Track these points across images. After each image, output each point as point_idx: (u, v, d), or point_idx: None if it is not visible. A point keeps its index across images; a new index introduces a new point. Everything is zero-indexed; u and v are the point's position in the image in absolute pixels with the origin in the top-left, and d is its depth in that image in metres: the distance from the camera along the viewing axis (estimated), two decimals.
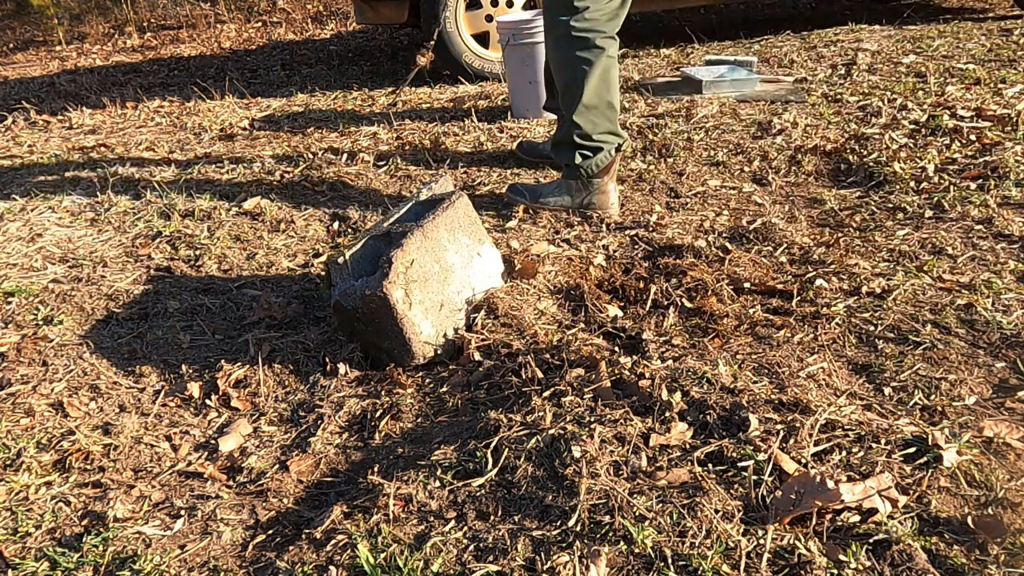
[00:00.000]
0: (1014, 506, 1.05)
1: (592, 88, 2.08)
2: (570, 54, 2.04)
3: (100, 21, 7.47)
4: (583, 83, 2.06)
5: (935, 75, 3.07)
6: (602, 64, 2.06)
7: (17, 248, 2.24)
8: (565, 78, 2.08)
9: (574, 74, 2.07)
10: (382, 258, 1.48)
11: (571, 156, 2.14)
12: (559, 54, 2.09)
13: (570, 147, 2.14)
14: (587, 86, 2.07)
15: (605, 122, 2.13)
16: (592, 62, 2.05)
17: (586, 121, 2.11)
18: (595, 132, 2.13)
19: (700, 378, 1.34)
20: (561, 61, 2.08)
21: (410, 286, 1.45)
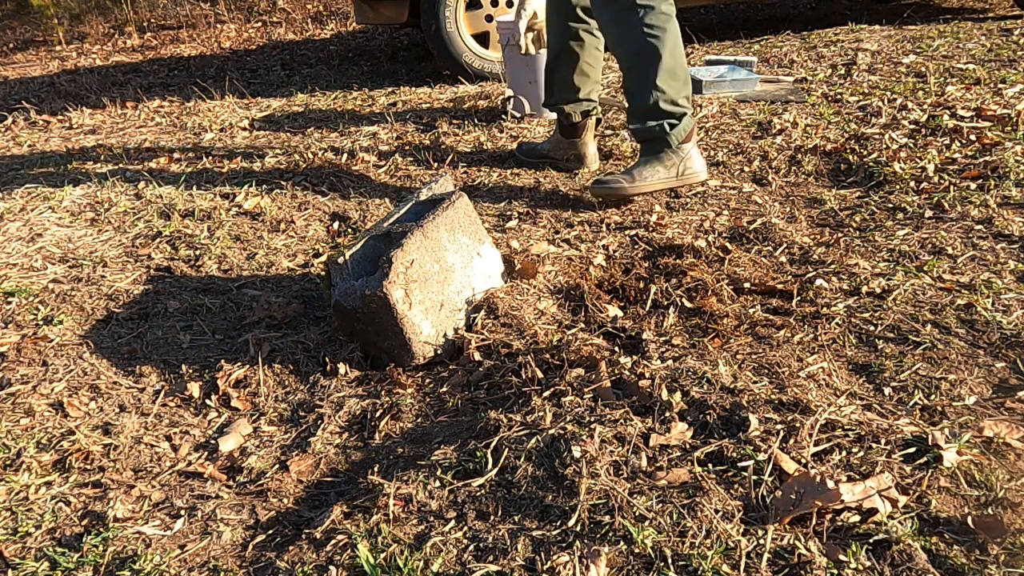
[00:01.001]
0: (1014, 506, 1.05)
1: (668, 52, 2.08)
2: (639, 24, 2.05)
3: (100, 21, 7.47)
4: (660, 49, 2.06)
5: (935, 75, 3.07)
6: (671, 28, 2.08)
7: (17, 248, 2.24)
8: (636, 49, 2.07)
9: (647, 43, 2.06)
10: (382, 258, 1.48)
11: (660, 127, 2.12)
12: (625, 28, 2.08)
13: (658, 117, 2.12)
14: (664, 51, 2.07)
15: (684, 86, 2.14)
16: (663, 28, 2.06)
17: (669, 87, 2.10)
18: (679, 96, 2.12)
19: (700, 378, 1.34)
20: (628, 34, 2.08)
21: (410, 286, 1.45)
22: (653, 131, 2.13)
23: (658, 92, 2.09)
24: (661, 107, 2.10)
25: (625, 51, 2.11)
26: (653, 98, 2.10)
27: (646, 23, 2.06)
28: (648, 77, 2.07)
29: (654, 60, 2.06)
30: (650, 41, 2.06)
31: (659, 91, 2.09)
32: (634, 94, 2.14)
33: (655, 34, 2.07)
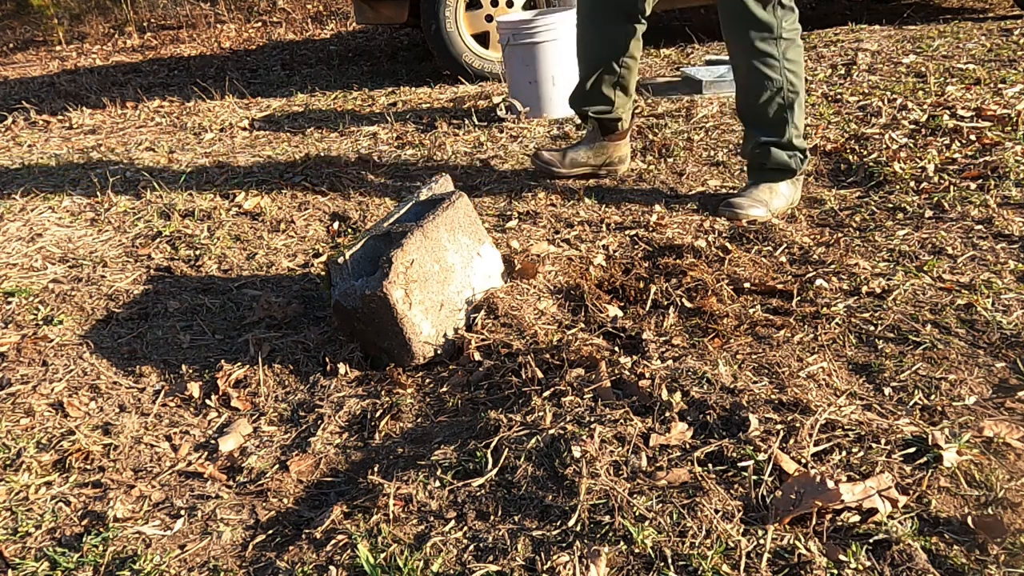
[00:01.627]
0: (1014, 506, 1.05)
1: (803, 88, 2.10)
2: (781, 58, 2.02)
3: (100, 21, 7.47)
4: (798, 87, 2.06)
5: (935, 75, 3.07)
6: (802, 60, 2.09)
7: (17, 248, 2.24)
8: (779, 84, 2.04)
9: (789, 79, 2.05)
10: (382, 258, 1.48)
11: (796, 160, 2.12)
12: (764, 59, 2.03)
13: (792, 150, 2.12)
14: (802, 88, 2.08)
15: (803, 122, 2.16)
16: (800, 63, 2.06)
17: (801, 121, 2.12)
18: (803, 129, 2.15)
19: (700, 378, 1.34)
20: (768, 68, 2.03)
21: (410, 286, 1.46)
22: (788, 164, 2.13)
23: (794, 128, 2.10)
24: (795, 143, 2.11)
25: (761, 83, 2.06)
26: (789, 134, 2.10)
27: (788, 58, 2.04)
28: (786, 112, 2.07)
29: (794, 97, 2.06)
30: (790, 78, 2.04)
31: (795, 127, 2.10)
32: (767, 127, 2.12)
33: (794, 70, 2.05)
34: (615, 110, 2.40)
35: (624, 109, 2.42)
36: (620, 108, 2.41)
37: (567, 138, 2.85)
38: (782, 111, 2.08)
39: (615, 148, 2.47)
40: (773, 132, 2.12)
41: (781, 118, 2.09)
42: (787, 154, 2.13)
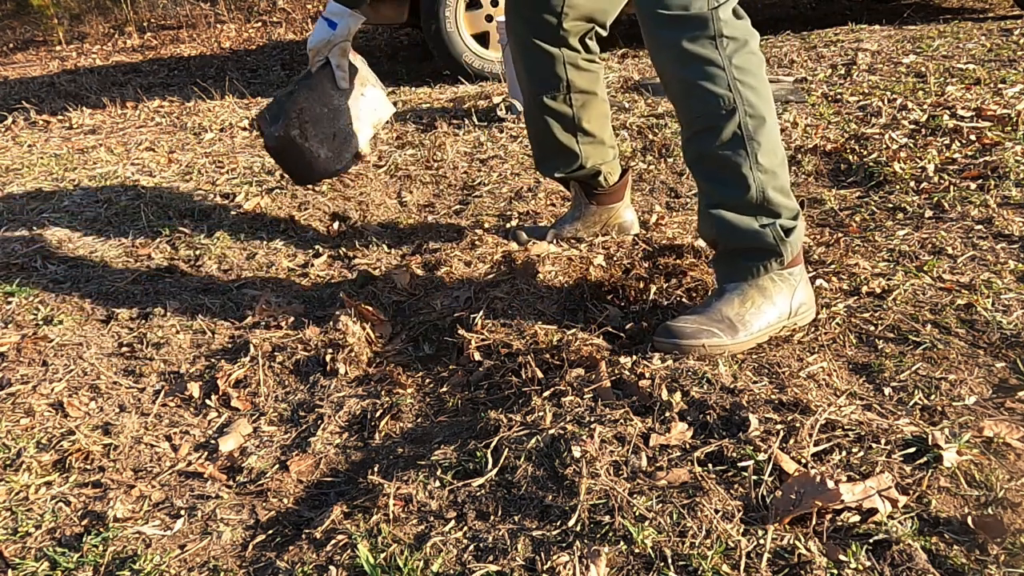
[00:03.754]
0: (1014, 506, 1.05)
1: (772, 112, 1.44)
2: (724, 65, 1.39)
3: (100, 21, 7.47)
4: (759, 108, 1.41)
5: (935, 75, 3.07)
6: (764, 72, 1.44)
7: (17, 248, 2.24)
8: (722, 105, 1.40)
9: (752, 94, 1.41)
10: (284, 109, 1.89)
11: (774, 230, 1.44)
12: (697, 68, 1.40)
13: (768, 214, 1.44)
14: (768, 111, 1.43)
15: (785, 166, 1.46)
16: (756, 73, 1.42)
17: (776, 165, 1.43)
18: (787, 182, 1.45)
19: (700, 378, 1.34)
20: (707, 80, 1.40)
21: (304, 126, 1.88)
22: (760, 239, 1.43)
23: (761, 174, 1.40)
24: (770, 197, 1.42)
25: (699, 105, 1.41)
26: (756, 183, 1.40)
27: (737, 65, 1.39)
28: (743, 148, 1.40)
29: (755, 124, 1.40)
30: (745, 94, 1.39)
31: (762, 171, 1.40)
32: (719, 178, 1.44)
33: (751, 83, 1.40)
34: (585, 163, 1.87)
35: (598, 160, 1.88)
36: (591, 159, 1.87)
37: None
38: (739, 145, 1.39)
39: (610, 215, 1.96)
40: (730, 183, 1.42)
41: (736, 156, 1.40)
42: (755, 222, 1.43)
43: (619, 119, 2.95)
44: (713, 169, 1.44)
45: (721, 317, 1.44)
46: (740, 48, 1.40)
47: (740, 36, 1.41)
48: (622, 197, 1.97)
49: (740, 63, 1.39)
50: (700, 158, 1.46)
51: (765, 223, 1.44)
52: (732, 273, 1.49)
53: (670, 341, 1.43)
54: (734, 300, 1.46)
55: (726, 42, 1.39)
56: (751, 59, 1.41)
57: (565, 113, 1.82)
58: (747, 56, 1.41)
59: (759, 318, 1.45)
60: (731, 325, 1.43)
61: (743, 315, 1.44)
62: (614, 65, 3.96)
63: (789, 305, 1.47)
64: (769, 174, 1.41)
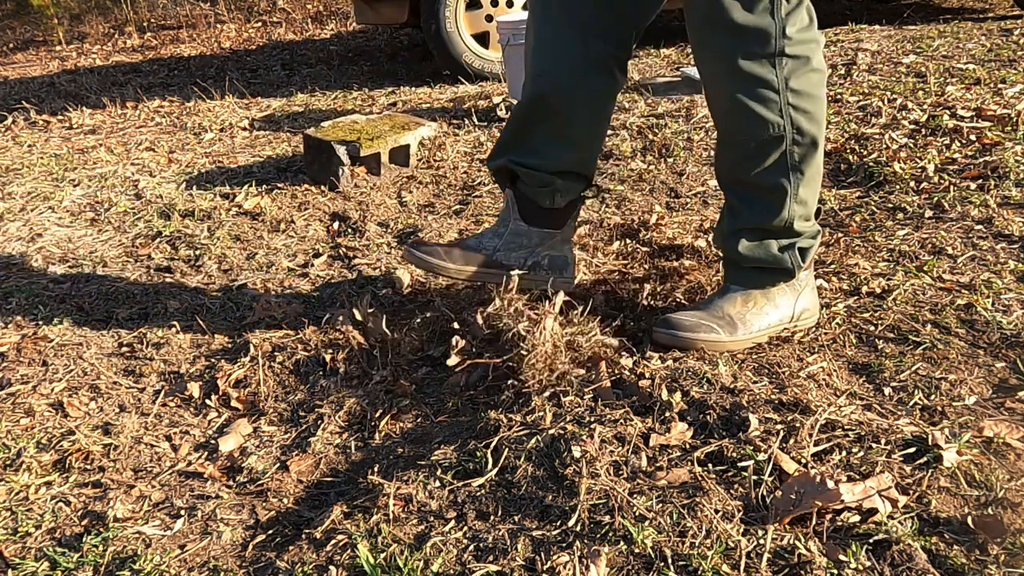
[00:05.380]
0: (1014, 506, 1.05)
1: (822, 141, 1.37)
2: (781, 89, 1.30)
3: (100, 21, 7.47)
4: (816, 129, 1.34)
5: (935, 75, 3.07)
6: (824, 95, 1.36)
7: (17, 248, 2.24)
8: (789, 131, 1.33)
9: (806, 120, 1.33)
10: None
11: (792, 253, 1.43)
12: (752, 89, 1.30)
13: (789, 237, 1.42)
14: (821, 139, 1.36)
15: (817, 197, 1.43)
16: (818, 97, 1.34)
17: (812, 196, 1.39)
18: (814, 208, 1.43)
19: (700, 378, 1.34)
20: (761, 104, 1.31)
21: None
22: (778, 262, 1.44)
23: (797, 204, 1.37)
24: (796, 226, 1.40)
25: (749, 128, 1.32)
26: (788, 214, 1.38)
27: (794, 88, 1.30)
28: (787, 177, 1.35)
29: (804, 152, 1.34)
30: (798, 121, 1.31)
31: (798, 203, 1.37)
32: (755, 199, 1.40)
33: (807, 108, 1.31)
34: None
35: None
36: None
37: None
38: (781, 174, 1.35)
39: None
40: (762, 209, 1.40)
41: (776, 185, 1.36)
42: (779, 244, 1.43)
43: (619, 119, 2.95)
44: (747, 193, 1.40)
45: (722, 314, 1.43)
46: (800, 68, 1.30)
47: (803, 54, 1.29)
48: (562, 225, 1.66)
49: (797, 86, 1.30)
50: (736, 179, 1.42)
51: (785, 246, 1.43)
52: (742, 279, 1.48)
53: (669, 332, 1.42)
54: (737, 299, 1.45)
55: (786, 61, 1.28)
56: (810, 79, 1.32)
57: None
58: (806, 76, 1.31)
59: (760, 319, 1.45)
60: (731, 322, 1.43)
61: (744, 314, 1.44)
62: None
63: (792, 309, 1.46)
64: (802, 204, 1.38)
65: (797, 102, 1.31)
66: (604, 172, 2.52)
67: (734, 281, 1.48)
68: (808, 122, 1.33)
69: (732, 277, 1.49)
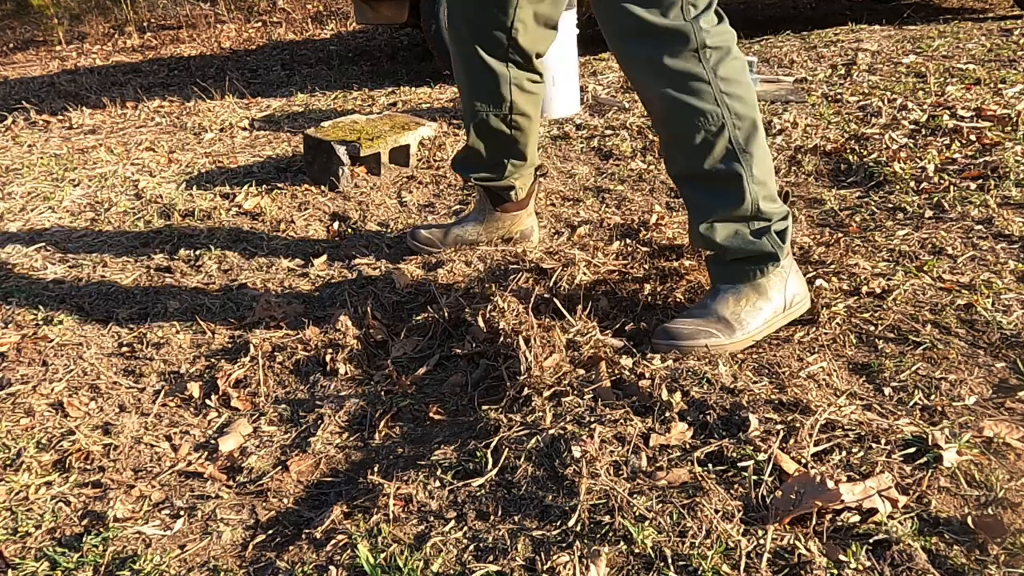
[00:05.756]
0: (1014, 506, 1.05)
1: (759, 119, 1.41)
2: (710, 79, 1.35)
3: (100, 21, 7.47)
4: (752, 117, 1.39)
5: (935, 75, 3.07)
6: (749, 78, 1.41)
7: (17, 248, 2.24)
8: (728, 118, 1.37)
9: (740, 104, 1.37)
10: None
11: (770, 237, 1.44)
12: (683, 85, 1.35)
13: (763, 220, 1.44)
14: (758, 119, 1.40)
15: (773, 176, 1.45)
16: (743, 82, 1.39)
17: (766, 174, 1.42)
18: (774, 186, 1.45)
19: (700, 378, 1.34)
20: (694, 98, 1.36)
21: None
22: (758, 248, 1.44)
23: (754, 184, 1.40)
24: (762, 208, 1.42)
25: (688, 122, 1.37)
26: (752, 195, 1.40)
27: (723, 76, 1.35)
28: (736, 161, 1.38)
29: (746, 135, 1.38)
30: (733, 106, 1.36)
31: (756, 183, 1.40)
32: (713, 192, 1.42)
33: (738, 93, 1.37)
34: (504, 178, 1.87)
35: (517, 176, 1.89)
36: (512, 176, 1.88)
37: (567, 139, 2.85)
38: (732, 159, 1.38)
39: (513, 221, 1.96)
40: (724, 198, 1.42)
41: (730, 171, 1.39)
42: (752, 230, 1.43)
43: (619, 119, 2.95)
44: (705, 185, 1.43)
45: (718, 317, 1.45)
46: (724, 57, 1.36)
47: (723, 44, 1.36)
48: (527, 205, 1.97)
49: (725, 73, 1.35)
50: (690, 175, 1.44)
51: (759, 230, 1.44)
52: (729, 275, 1.49)
53: (668, 343, 1.44)
54: (729, 299, 1.46)
55: (709, 53, 1.34)
56: (734, 65, 1.37)
57: (502, 132, 1.79)
58: (731, 64, 1.36)
59: (755, 316, 1.46)
60: (728, 325, 1.44)
61: (739, 314, 1.45)
62: (614, 65, 3.96)
63: (783, 298, 1.47)
64: (761, 184, 1.41)
65: (728, 88, 1.35)
66: (604, 172, 2.52)
67: (722, 280, 1.49)
68: (742, 106, 1.37)
69: (719, 276, 1.50)
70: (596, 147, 2.72)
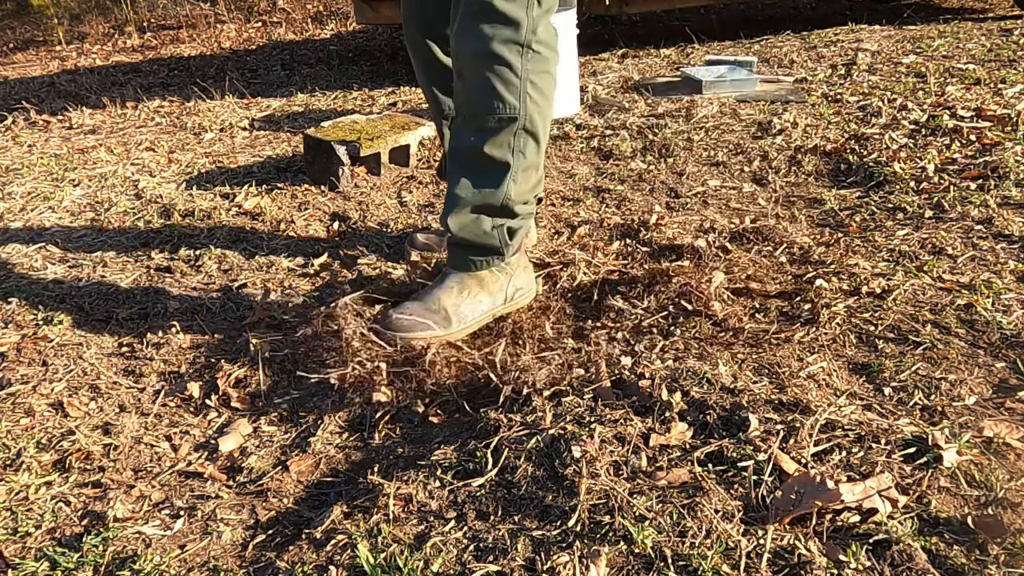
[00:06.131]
0: (1014, 506, 1.05)
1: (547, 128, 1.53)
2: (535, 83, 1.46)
3: (100, 21, 7.47)
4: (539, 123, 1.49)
5: (935, 75, 3.07)
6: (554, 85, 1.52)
7: (17, 248, 2.24)
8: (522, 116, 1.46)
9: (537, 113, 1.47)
10: None
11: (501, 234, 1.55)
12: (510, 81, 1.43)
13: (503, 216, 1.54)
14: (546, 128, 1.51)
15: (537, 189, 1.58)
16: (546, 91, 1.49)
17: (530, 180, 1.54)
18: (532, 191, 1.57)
19: (700, 378, 1.34)
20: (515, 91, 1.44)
21: None
22: (488, 241, 1.55)
23: (515, 185, 1.50)
24: (513, 208, 1.53)
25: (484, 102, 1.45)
26: (507, 192, 1.50)
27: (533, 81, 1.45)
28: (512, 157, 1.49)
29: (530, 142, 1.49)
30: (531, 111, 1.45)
31: (516, 183, 1.51)
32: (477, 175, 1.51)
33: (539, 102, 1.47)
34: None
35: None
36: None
37: (567, 139, 2.85)
38: (508, 152, 1.47)
39: None
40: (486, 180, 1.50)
41: (504, 162, 1.48)
42: (492, 223, 1.53)
43: (619, 119, 2.95)
44: (474, 164, 1.50)
45: (438, 308, 1.54)
46: (540, 66, 1.45)
47: (545, 54, 1.45)
48: None
49: (536, 80, 1.45)
50: (465, 151, 1.51)
51: (497, 224, 1.54)
52: (457, 262, 1.59)
53: (388, 334, 1.53)
54: (453, 289, 1.56)
55: (531, 55, 1.43)
56: (547, 80, 1.47)
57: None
58: (544, 76, 1.46)
59: (474, 308, 1.56)
60: (446, 316, 1.54)
61: (459, 305, 1.55)
62: (614, 65, 3.96)
63: (504, 293, 1.59)
64: (520, 188, 1.51)
65: (533, 93, 1.45)
66: (604, 172, 2.52)
67: (451, 265, 1.59)
68: (538, 115, 1.46)
69: (451, 260, 1.60)
70: (596, 147, 2.72)
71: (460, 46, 1.46)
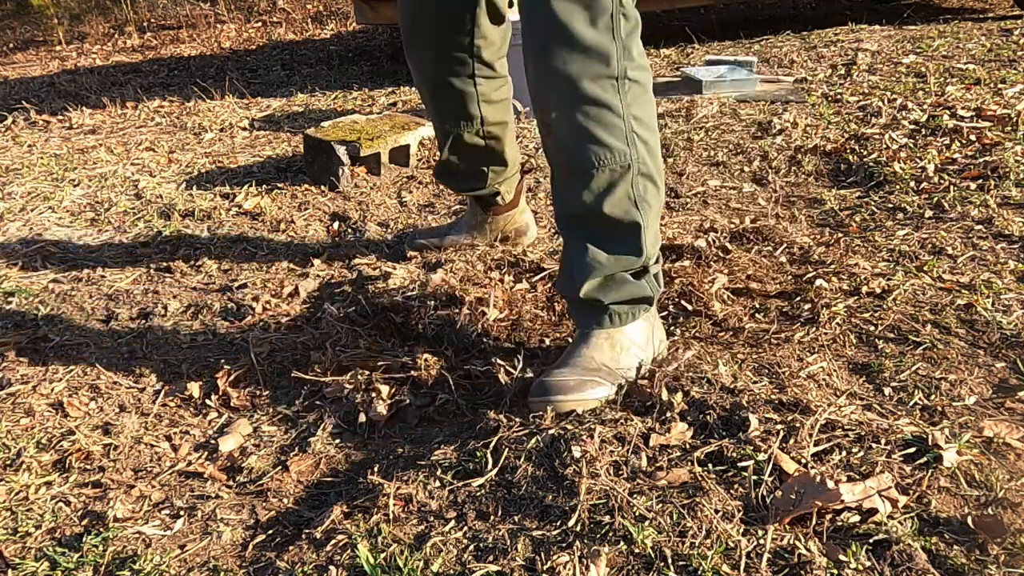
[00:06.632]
0: (1014, 506, 1.05)
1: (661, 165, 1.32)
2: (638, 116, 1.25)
3: (100, 21, 7.47)
4: (655, 160, 1.29)
5: (935, 75, 3.07)
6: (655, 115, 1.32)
7: (17, 248, 2.24)
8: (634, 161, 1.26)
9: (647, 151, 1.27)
10: None
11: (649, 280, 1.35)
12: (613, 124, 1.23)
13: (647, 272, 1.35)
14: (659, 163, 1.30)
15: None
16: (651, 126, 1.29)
17: (657, 220, 1.34)
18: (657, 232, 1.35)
19: (700, 378, 1.34)
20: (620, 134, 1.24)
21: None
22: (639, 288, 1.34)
23: (651, 235, 1.32)
24: (653, 258, 1.35)
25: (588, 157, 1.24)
26: (647, 250, 1.31)
27: (636, 115, 1.24)
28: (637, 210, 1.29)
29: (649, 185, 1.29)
30: (641, 151, 1.26)
31: (652, 234, 1.32)
32: (608, 238, 1.30)
33: (646, 138, 1.27)
34: (488, 186, 1.84)
35: (500, 182, 1.85)
36: (494, 182, 1.84)
37: None
38: (630, 207, 1.27)
39: (507, 222, 1.95)
40: (615, 247, 1.30)
41: (629, 220, 1.28)
42: (632, 273, 1.33)
43: None
44: (599, 230, 1.29)
45: (597, 365, 1.30)
46: (641, 95, 1.25)
47: (642, 79, 1.25)
48: (517, 203, 1.95)
49: (639, 113, 1.24)
50: (584, 216, 1.29)
51: (640, 272, 1.34)
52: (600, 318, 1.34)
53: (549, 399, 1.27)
54: (603, 346, 1.32)
55: (629, 86, 1.22)
56: (648, 108, 1.27)
57: (477, 145, 1.75)
58: (645, 104, 1.26)
59: (630, 359, 1.34)
60: (611, 372, 1.30)
61: (618, 359, 1.32)
62: None
63: (652, 344, 1.38)
64: (654, 233, 1.31)
65: (639, 130, 1.25)
66: None
67: (598, 324, 1.34)
68: (648, 154, 1.27)
69: (587, 318, 1.35)
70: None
71: (543, 96, 1.25)
